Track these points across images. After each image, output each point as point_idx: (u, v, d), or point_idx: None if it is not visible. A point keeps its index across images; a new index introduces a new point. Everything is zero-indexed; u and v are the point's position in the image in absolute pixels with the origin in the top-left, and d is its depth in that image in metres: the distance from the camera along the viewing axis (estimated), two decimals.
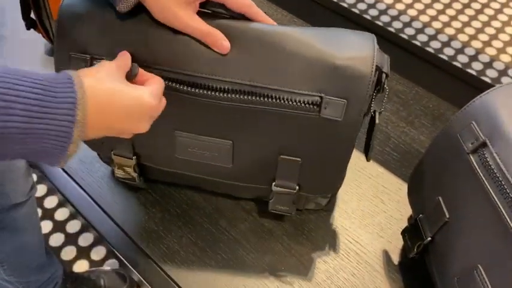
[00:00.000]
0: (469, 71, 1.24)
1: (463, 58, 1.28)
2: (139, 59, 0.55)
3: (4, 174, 0.57)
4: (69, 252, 0.93)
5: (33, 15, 0.92)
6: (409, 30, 1.35)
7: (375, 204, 0.77)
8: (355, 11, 1.37)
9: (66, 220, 0.97)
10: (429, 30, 1.34)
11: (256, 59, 0.55)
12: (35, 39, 0.99)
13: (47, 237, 0.94)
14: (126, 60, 0.50)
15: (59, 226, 0.96)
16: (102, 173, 0.81)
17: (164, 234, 0.74)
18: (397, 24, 1.36)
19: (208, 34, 0.54)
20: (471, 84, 0.97)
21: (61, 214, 0.97)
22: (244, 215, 0.76)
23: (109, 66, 0.47)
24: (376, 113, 0.57)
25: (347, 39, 0.57)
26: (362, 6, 1.40)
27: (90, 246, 0.93)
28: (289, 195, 0.66)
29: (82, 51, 0.57)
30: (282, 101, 0.56)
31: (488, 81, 1.22)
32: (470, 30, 1.35)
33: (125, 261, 0.73)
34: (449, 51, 1.30)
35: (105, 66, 0.47)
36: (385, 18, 1.38)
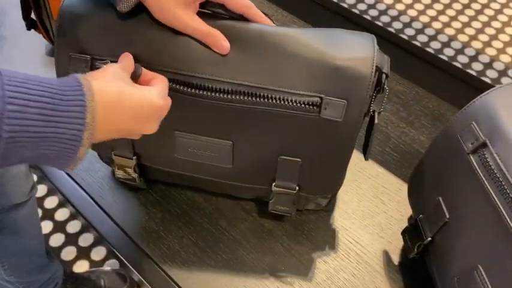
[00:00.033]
0: (469, 71, 1.24)
1: (463, 58, 1.28)
2: (139, 59, 0.55)
3: (4, 174, 0.57)
4: (69, 253, 0.92)
5: (33, 16, 0.92)
6: (409, 31, 1.35)
7: (375, 204, 0.77)
8: (355, 11, 1.37)
9: (67, 220, 0.97)
10: (429, 31, 1.34)
11: (257, 59, 0.55)
12: (36, 39, 0.99)
13: (47, 237, 0.94)
14: (129, 62, 0.50)
15: (59, 226, 0.96)
16: (102, 173, 0.81)
17: (164, 234, 0.74)
18: (397, 25, 1.36)
19: (208, 34, 0.54)
20: (471, 85, 0.97)
21: (61, 214, 0.97)
22: (244, 215, 0.76)
23: (114, 68, 0.47)
24: (376, 113, 0.57)
25: (347, 40, 0.57)
26: (362, 6, 1.40)
27: (91, 247, 0.93)
28: (289, 195, 0.66)
29: (82, 51, 0.57)
30: (282, 102, 0.56)
31: (488, 81, 1.22)
32: (470, 31, 1.35)
33: (125, 262, 0.73)
34: (449, 51, 1.30)
35: (110, 68, 0.47)
36: (385, 19, 1.38)
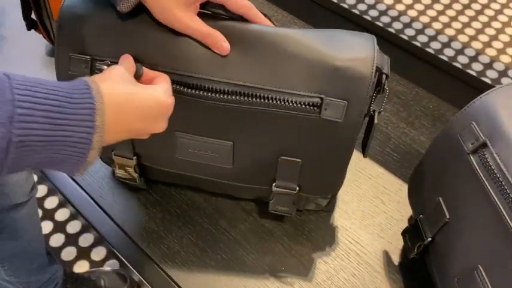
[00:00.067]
0: (469, 71, 1.24)
1: (463, 59, 1.28)
2: (139, 60, 0.55)
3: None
4: (69, 253, 0.92)
5: (33, 16, 0.92)
6: (409, 31, 1.34)
7: (375, 204, 0.77)
8: (356, 11, 1.37)
9: (67, 220, 0.96)
10: (429, 31, 1.34)
11: (257, 60, 0.55)
12: (36, 39, 0.99)
13: (47, 237, 0.94)
14: (130, 63, 0.51)
15: (59, 226, 0.96)
16: (102, 174, 0.81)
17: (165, 234, 0.74)
18: (397, 25, 1.36)
19: (208, 35, 0.54)
20: (471, 85, 0.97)
21: (61, 214, 0.97)
22: (244, 215, 0.76)
23: (119, 70, 0.47)
24: (376, 113, 0.57)
25: (347, 40, 0.57)
26: (362, 7, 1.40)
27: (91, 247, 0.93)
28: (289, 195, 0.66)
29: (83, 52, 0.57)
30: (282, 103, 0.56)
31: (489, 82, 1.21)
32: (470, 31, 1.35)
33: (125, 262, 0.73)
34: (450, 52, 1.30)
35: (115, 70, 0.47)
36: (385, 19, 1.37)
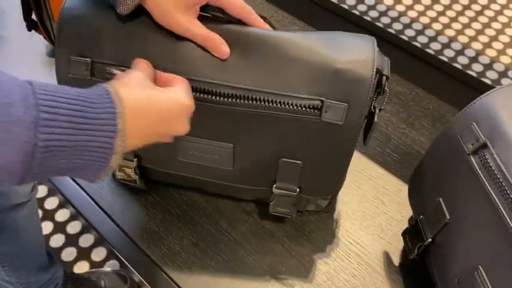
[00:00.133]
0: (469, 72, 1.24)
1: (463, 60, 1.28)
2: None
3: None
4: (69, 253, 0.92)
5: (34, 17, 0.92)
6: (409, 32, 1.35)
7: (376, 205, 0.77)
8: (356, 12, 1.37)
9: (67, 221, 0.97)
10: (429, 32, 1.34)
11: (257, 63, 0.55)
12: (36, 40, 0.99)
13: (47, 238, 0.94)
14: (148, 67, 0.50)
15: (59, 227, 0.96)
16: None
17: (165, 235, 0.74)
18: (397, 26, 1.36)
19: (208, 39, 0.54)
20: (471, 86, 0.97)
21: (62, 215, 0.97)
22: (244, 216, 0.76)
23: (136, 74, 0.46)
24: (376, 109, 0.57)
25: (347, 42, 0.57)
26: (362, 7, 1.40)
27: (91, 247, 0.93)
28: (289, 197, 0.66)
29: (83, 54, 0.57)
30: (282, 105, 0.56)
31: (489, 82, 1.22)
32: (470, 32, 1.35)
33: (125, 262, 0.73)
34: (450, 52, 1.30)
35: (132, 75, 0.46)
36: (385, 20, 1.38)
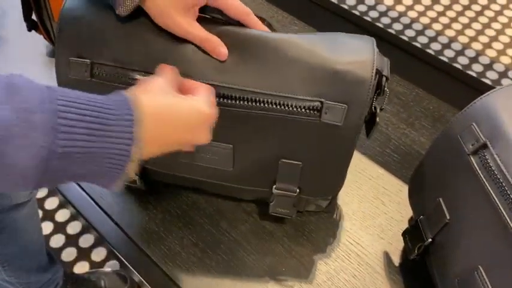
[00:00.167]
0: (470, 72, 1.24)
1: (464, 60, 1.28)
2: (137, 63, 0.55)
3: None
4: (69, 254, 0.92)
5: (34, 17, 0.92)
6: (410, 32, 1.35)
7: (376, 205, 0.77)
8: (356, 12, 1.37)
9: (67, 221, 0.97)
10: (429, 32, 1.34)
11: (257, 64, 0.55)
12: (36, 40, 0.99)
13: (47, 238, 0.94)
14: (171, 74, 0.49)
15: (59, 227, 0.96)
16: None
17: (165, 235, 0.74)
18: (398, 26, 1.36)
19: (206, 40, 0.54)
20: (471, 86, 0.97)
21: (62, 215, 0.97)
22: (245, 216, 0.76)
23: (159, 80, 0.46)
24: (377, 109, 0.57)
25: (347, 43, 0.57)
26: (362, 8, 1.40)
27: (91, 248, 0.93)
28: (289, 198, 0.66)
29: (82, 55, 0.57)
30: (282, 107, 0.56)
31: (489, 83, 1.22)
32: (470, 32, 1.35)
33: (125, 262, 0.73)
34: (450, 53, 1.30)
35: (155, 82, 0.46)
36: (386, 20, 1.38)
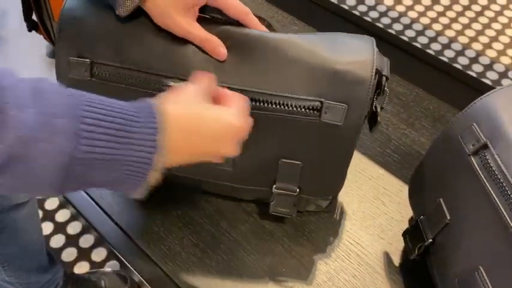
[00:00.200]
0: (470, 73, 1.24)
1: (464, 60, 1.28)
2: (137, 63, 0.55)
3: None
4: (70, 254, 0.92)
5: (34, 17, 0.92)
6: (410, 32, 1.35)
7: (376, 206, 0.77)
8: (356, 13, 1.37)
9: (67, 221, 0.97)
10: (429, 33, 1.34)
11: (257, 64, 0.55)
12: (37, 40, 0.99)
13: (47, 238, 0.94)
14: (205, 82, 0.48)
15: (59, 227, 0.96)
16: None
17: (165, 235, 0.74)
18: (398, 26, 1.36)
19: (206, 40, 0.54)
20: (472, 86, 0.97)
21: (62, 215, 0.97)
22: (245, 216, 0.76)
23: (191, 89, 0.45)
24: (378, 108, 0.57)
25: (346, 43, 0.57)
26: (362, 8, 1.40)
27: (91, 248, 0.93)
28: (290, 197, 0.66)
29: (82, 55, 0.57)
30: (282, 107, 0.56)
31: (489, 83, 1.21)
32: (470, 33, 1.35)
33: (125, 263, 0.73)
34: (450, 53, 1.30)
35: (187, 89, 0.45)
36: (386, 20, 1.38)
